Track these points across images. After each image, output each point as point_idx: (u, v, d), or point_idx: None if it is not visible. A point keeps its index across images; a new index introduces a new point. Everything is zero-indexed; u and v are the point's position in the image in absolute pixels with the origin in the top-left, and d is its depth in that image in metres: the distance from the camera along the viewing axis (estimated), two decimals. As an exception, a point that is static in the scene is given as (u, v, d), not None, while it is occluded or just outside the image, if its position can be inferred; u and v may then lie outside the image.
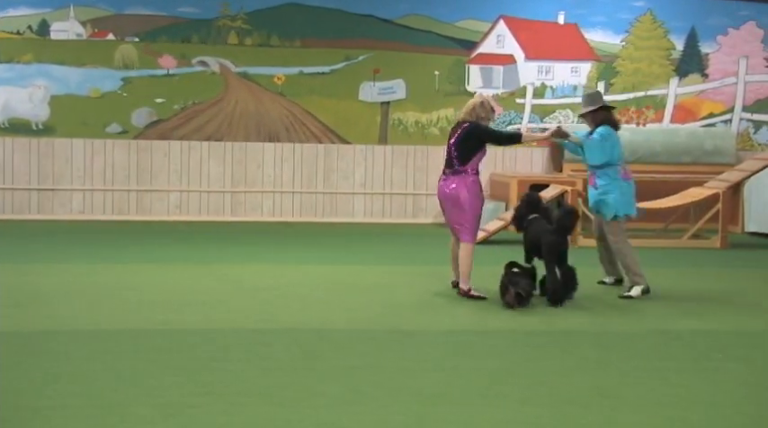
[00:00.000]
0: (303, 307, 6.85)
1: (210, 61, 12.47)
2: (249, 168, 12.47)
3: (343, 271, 8.60)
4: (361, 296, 7.38)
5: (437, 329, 6.22)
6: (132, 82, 12.27)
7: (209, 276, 8.15)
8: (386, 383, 4.87)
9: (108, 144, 12.17)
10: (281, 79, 12.58)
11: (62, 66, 12.10)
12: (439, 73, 12.91)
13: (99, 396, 4.52)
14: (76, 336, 5.76)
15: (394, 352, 5.58)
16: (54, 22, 12.08)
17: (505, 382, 4.94)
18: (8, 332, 5.84)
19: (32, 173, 12.04)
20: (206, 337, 5.79)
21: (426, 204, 12.83)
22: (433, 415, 4.36)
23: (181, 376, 4.89)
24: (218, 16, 12.44)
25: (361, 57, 12.74)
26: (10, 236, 10.44)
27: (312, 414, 4.34)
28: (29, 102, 12.06)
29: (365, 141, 12.75)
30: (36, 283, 7.55)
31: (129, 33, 12.28)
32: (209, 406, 4.41)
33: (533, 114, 13.14)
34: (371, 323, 6.36)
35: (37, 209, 12.03)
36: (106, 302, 6.83)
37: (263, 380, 4.87)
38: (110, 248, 9.61)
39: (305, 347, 5.62)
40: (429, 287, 7.84)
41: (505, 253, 9.96)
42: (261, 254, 9.46)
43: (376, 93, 12.86)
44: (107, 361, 5.15)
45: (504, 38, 13.03)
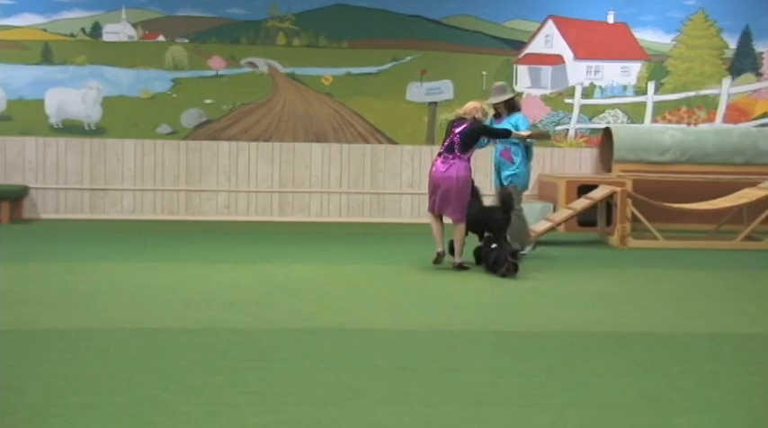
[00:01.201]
0: (348, 307, 6.85)
1: (259, 62, 12.56)
2: (297, 169, 12.53)
3: (389, 271, 8.59)
4: (406, 296, 7.37)
5: (482, 329, 6.18)
6: (182, 83, 12.41)
7: (256, 276, 8.19)
8: (431, 384, 4.84)
9: (158, 144, 12.31)
10: (328, 80, 12.62)
11: (114, 68, 12.28)
12: (486, 73, 12.85)
13: (145, 393, 4.56)
14: (122, 334, 5.82)
15: (439, 352, 5.55)
16: (106, 24, 12.26)
17: (551, 384, 4.88)
18: (56, 329, 5.92)
19: (85, 173, 12.23)
20: (251, 336, 5.82)
21: (473, 205, 12.77)
22: (478, 417, 4.32)
23: (225, 375, 4.92)
24: (266, 17, 12.52)
25: (408, 57, 12.73)
26: (63, 235, 10.61)
27: (357, 414, 4.33)
28: (82, 103, 12.26)
29: (412, 142, 12.74)
30: (85, 282, 7.66)
31: (179, 35, 12.41)
32: (254, 406, 4.42)
33: (582, 114, 13.01)
34: (416, 323, 6.34)
35: (89, 209, 12.21)
36: (152, 301, 6.90)
37: (308, 380, 4.87)
38: (158, 248, 9.71)
39: (350, 347, 5.62)
40: (475, 287, 7.80)
41: (554, 253, 9.90)
42: (307, 255, 9.49)
43: (423, 94, 12.84)
44: (152, 360, 5.20)
45: (552, 38, 12.93)
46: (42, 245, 9.76)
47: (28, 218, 11.95)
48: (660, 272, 8.86)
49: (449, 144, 8.60)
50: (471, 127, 8.59)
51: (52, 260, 8.72)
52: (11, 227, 11.17)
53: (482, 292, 7.59)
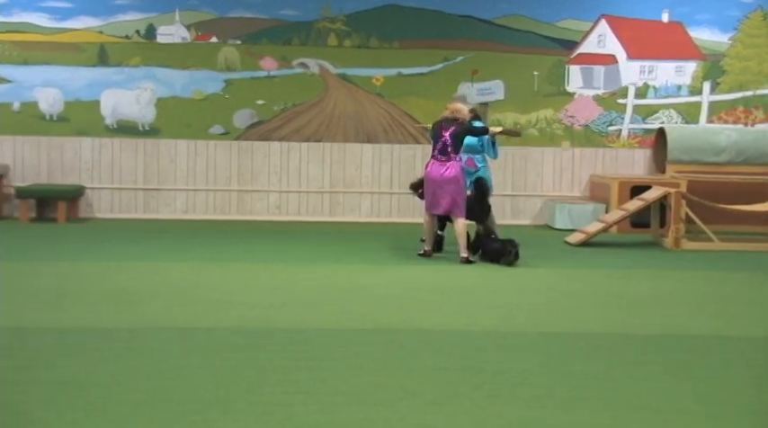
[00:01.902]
0: (400, 308, 6.85)
1: (310, 63, 12.62)
2: (347, 169, 12.57)
3: (440, 271, 8.57)
4: (456, 296, 7.35)
5: (535, 331, 6.14)
6: (234, 84, 12.52)
7: (306, 275, 8.23)
8: (484, 385, 4.82)
9: (210, 145, 12.44)
10: (379, 80, 12.64)
11: (167, 69, 12.42)
12: (538, 73, 12.76)
13: (198, 392, 4.61)
14: (176, 333, 5.89)
15: (491, 353, 5.53)
16: (160, 26, 12.42)
17: (604, 387, 4.83)
18: (112, 327, 6.01)
19: (138, 173, 12.40)
20: (302, 336, 5.84)
21: (525, 205, 12.71)
22: (531, 419, 4.29)
23: (277, 374, 4.95)
24: (318, 18, 12.58)
25: (459, 58, 12.70)
26: (117, 234, 10.76)
27: (409, 414, 4.33)
28: (136, 104, 12.42)
29: (463, 142, 12.68)
30: (139, 281, 7.76)
31: (231, 36, 12.53)
32: (305, 405, 4.44)
33: (635, 115, 12.86)
34: (469, 324, 6.32)
35: (142, 209, 12.38)
36: (205, 300, 6.97)
37: (360, 380, 4.88)
38: (210, 247, 9.80)
39: (402, 347, 5.62)
40: (528, 288, 7.76)
41: (606, 254, 9.80)
42: (357, 255, 9.51)
43: (474, 94, 12.77)
44: (205, 358, 5.25)
45: (605, 37, 12.80)
46: (97, 244, 9.91)
47: (83, 217, 12.15)
48: (715, 275, 8.73)
49: (442, 146, 8.98)
50: (461, 128, 9.06)
51: (107, 259, 8.85)
52: (67, 226, 11.37)
53: (531, 293, 7.55)
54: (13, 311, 6.42)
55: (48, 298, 6.85)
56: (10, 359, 5.15)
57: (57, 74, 12.27)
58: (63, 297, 6.94)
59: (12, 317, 6.23)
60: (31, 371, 4.89)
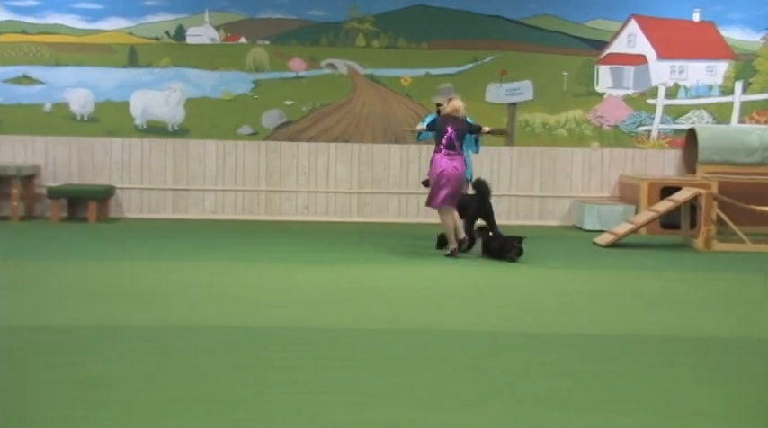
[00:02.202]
0: (428, 308, 6.84)
1: (339, 63, 12.63)
2: (375, 170, 12.57)
3: (468, 272, 8.56)
4: (485, 297, 7.33)
5: (564, 332, 6.11)
6: (263, 84, 12.56)
7: (335, 276, 8.24)
8: (512, 386, 4.80)
9: (239, 145, 12.49)
10: (407, 81, 12.63)
11: (197, 70, 12.49)
12: (567, 73, 12.70)
13: (225, 391, 4.63)
14: (204, 332, 5.92)
15: (521, 354, 5.50)
16: (190, 27, 12.49)
17: (633, 389, 4.79)
18: (141, 326, 6.05)
19: (168, 173, 12.48)
20: (330, 336, 5.85)
21: (554, 206, 12.65)
22: (558, 422, 4.27)
23: (304, 374, 4.95)
24: (346, 19, 12.59)
25: (488, 58, 12.66)
26: (146, 234, 10.84)
27: (436, 415, 4.32)
28: (165, 104, 12.51)
29: (491, 143, 12.65)
30: (168, 280, 7.81)
31: (260, 37, 12.57)
32: (332, 405, 4.45)
33: (665, 115, 12.76)
34: (498, 325, 6.30)
35: (171, 209, 12.45)
36: (234, 300, 7.00)
37: (385, 380, 4.88)
38: (239, 247, 9.85)
39: (428, 348, 5.61)
40: (555, 289, 7.72)
41: (635, 255, 9.73)
42: (385, 255, 9.50)
43: (503, 95, 12.75)
44: (232, 358, 5.27)
45: (635, 37, 12.71)
46: (127, 244, 9.99)
47: (114, 217, 12.25)
48: (747, 277, 8.63)
49: (448, 141, 9.36)
50: (465, 125, 9.52)
51: (137, 259, 8.91)
52: (98, 226, 11.46)
53: (559, 294, 7.50)
54: (43, 310, 6.48)
55: (78, 297, 6.91)
56: (40, 357, 5.20)
57: (88, 75, 12.37)
58: (93, 296, 6.99)
59: (42, 316, 6.29)
60: (61, 370, 4.94)
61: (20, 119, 12.26)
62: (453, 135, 9.34)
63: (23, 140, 12.25)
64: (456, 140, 9.37)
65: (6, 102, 12.26)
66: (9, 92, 12.27)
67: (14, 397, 4.45)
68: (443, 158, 9.37)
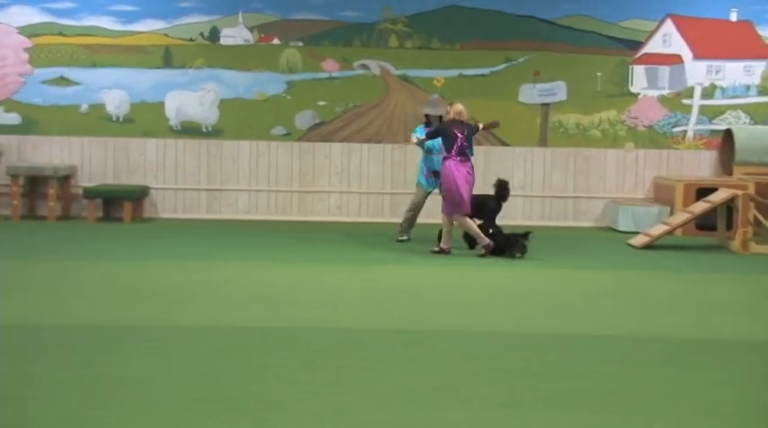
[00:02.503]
0: (459, 310, 6.82)
1: (371, 64, 12.64)
2: (408, 170, 12.55)
3: (501, 273, 8.52)
4: (519, 298, 7.29)
5: (597, 334, 6.06)
6: (296, 85, 12.60)
7: (367, 276, 8.25)
8: (543, 387, 4.77)
9: (272, 146, 12.54)
10: (440, 81, 12.61)
11: (230, 71, 12.56)
12: (601, 74, 12.61)
13: (255, 391, 4.64)
14: (235, 332, 5.94)
15: (551, 356, 5.47)
16: (224, 29, 12.56)
17: (668, 391, 4.74)
18: (173, 326, 6.09)
19: (201, 173, 12.55)
20: (359, 337, 5.85)
21: (587, 207, 12.56)
22: (593, 424, 4.23)
23: (333, 374, 4.96)
24: (379, 20, 12.60)
25: (521, 58, 12.61)
26: (180, 234, 10.91)
27: (466, 416, 4.31)
28: (199, 105, 12.59)
29: (525, 143, 12.61)
30: (200, 280, 7.86)
31: (293, 38, 12.62)
32: (361, 405, 4.45)
33: (701, 115, 12.62)
34: (529, 326, 6.27)
35: (205, 209, 12.53)
36: (264, 299, 7.03)
37: (414, 380, 4.87)
38: (271, 248, 9.88)
39: (460, 349, 5.60)
40: (589, 290, 7.66)
41: (670, 257, 9.64)
42: (416, 256, 9.49)
43: (536, 95, 12.69)
44: (261, 358, 5.29)
45: (670, 37, 12.59)
46: (161, 243, 10.07)
47: (148, 217, 12.35)
48: (784, 280, 8.52)
49: (460, 147, 9.32)
50: (471, 129, 9.53)
51: (170, 258, 8.98)
52: (132, 225, 11.56)
53: (593, 295, 7.45)
54: (78, 309, 6.55)
55: (112, 297, 6.97)
56: (74, 355, 5.25)
57: (123, 76, 12.49)
58: (127, 295, 7.06)
59: (77, 315, 6.36)
60: (95, 368, 4.98)
61: (57, 120, 12.40)
62: (464, 140, 9.33)
63: (60, 141, 12.40)
64: (466, 146, 9.38)
65: (44, 103, 12.41)
66: (46, 93, 12.42)
67: (40, 395, 4.50)
68: (457, 166, 9.33)
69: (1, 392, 4.52)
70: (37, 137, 12.37)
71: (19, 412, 4.25)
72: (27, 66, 12.37)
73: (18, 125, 12.37)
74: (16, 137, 12.34)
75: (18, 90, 12.38)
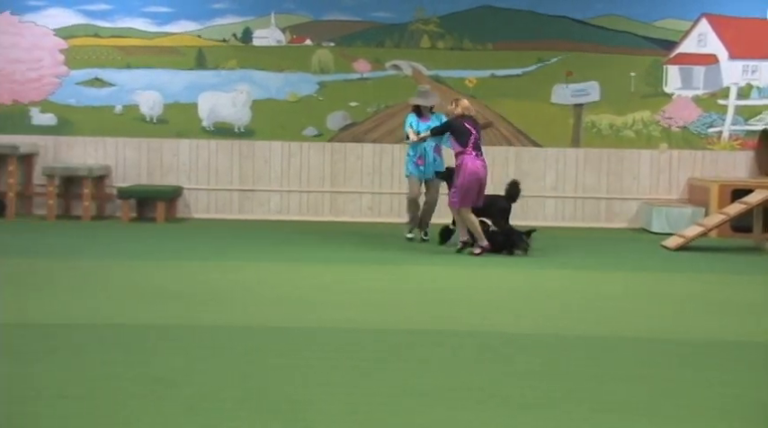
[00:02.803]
0: (489, 310, 6.80)
1: (403, 65, 12.64)
2: (440, 171, 12.52)
3: (532, 274, 8.48)
4: (550, 300, 7.25)
5: (626, 335, 6.01)
6: (328, 86, 12.63)
7: (395, 277, 8.24)
8: (574, 390, 4.74)
9: (304, 146, 12.57)
10: (472, 82, 12.58)
11: (263, 72, 12.61)
12: (635, 74, 12.51)
13: (287, 391, 4.66)
14: (268, 332, 5.97)
15: (582, 358, 5.43)
16: (256, 30, 12.62)
17: (706, 395, 4.69)
18: (206, 325, 6.13)
19: (234, 174, 12.62)
20: (387, 337, 5.85)
21: (621, 208, 12.47)
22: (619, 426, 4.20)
23: (366, 375, 4.96)
24: (411, 20, 12.59)
25: (553, 59, 12.54)
26: (213, 234, 10.97)
27: (494, 417, 4.29)
28: (232, 106, 12.65)
29: (557, 144, 12.54)
30: (233, 280, 7.90)
31: (325, 38, 12.64)
32: (394, 406, 4.44)
33: (737, 116, 12.48)
34: (560, 328, 6.23)
35: (237, 210, 12.59)
36: (297, 300, 7.05)
37: (444, 382, 4.86)
38: (303, 248, 9.90)
39: (491, 350, 5.58)
40: (621, 292, 7.61)
41: (705, 259, 9.54)
42: (447, 256, 9.47)
43: (569, 96, 12.62)
44: (297, 358, 5.30)
45: (706, 36, 12.46)
46: (194, 243, 10.13)
47: (181, 217, 12.43)
48: (821, 282, 8.40)
49: (475, 142, 9.45)
50: (480, 125, 9.78)
51: (203, 258, 9.03)
52: (166, 226, 11.65)
53: (624, 297, 7.40)
54: (111, 308, 6.61)
55: (145, 296, 7.02)
56: (107, 354, 5.30)
57: (157, 77, 12.59)
58: (159, 294, 7.11)
59: (109, 314, 6.41)
60: (127, 367, 5.02)
61: (91, 120, 12.53)
62: (477, 135, 9.46)
63: (95, 141, 12.52)
64: (480, 142, 9.53)
65: (79, 104, 12.53)
66: (81, 94, 12.55)
67: (76, 393, 4.54)
68: (474, 160, 9.42)
69: (40, 390, 4.57)
70: (72, 137, 12.51)
71: (58, 410, 4.29)
72: (63, 68, 12.51)
73: (54, 126, 12.51)
74: (52, 137, 12.48)
75: (54, 91, 12.52)
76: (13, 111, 12.48)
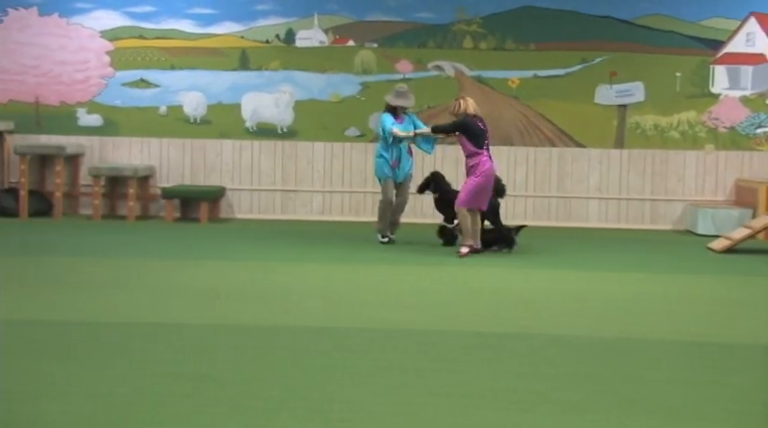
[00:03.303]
0: (536, 313, 6.75)
1: (446, 65, 12.61)
2: (482, 172, 12.47)
3: (576, 276, 8.41)
4: (595, 302, 7.19)
5: (673, 339, 5.94)
6: (370, 86, 12.64)
7: (442, 278, 8.22)
8: (622, 393, 4.69)
9: (346, 147, 12.59)
10: (515, 82, 12.52)
11: (305, 73, 12.66)
12: (681, 74, 12.36)
13: (335, 391, 4.66)
14: (313, 332, 5.98)
15: (630, 361, 5.38)
16: (299, 31, 12.67)
17: (751, 400, 4.61)
18: (251, 325, 6.16)
19: (276, 174, 12.68)
20: (437, 338, 5.83)
21: (665, 210, 12.32)
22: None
23: (413, 376, 4.95)
24: (453, 21, 12.56)
25: (597, 59, 12.43)
26: (256, 234, 11.03)
27: (544, 420, 4.26)
28: (275, 107, 12.71)
29: (601, 145, 12.43)
30: (277, 280, 7.95)
31: (368, 39, 12.66)
32: (438, 407, 4.43)
33: (785, 116, 12.28)
34: (606, 330, 6.17)
35: (280, 210, 12.65)
36: (341, 300, 7.06)
37: (495, 383, 4.83)
38: (345, 248, 9.91)
39: (539, 352, 5.54)
40: (667, 295, 7.51)
41: (752, 261, 9.39)
42: (490, 258, 9.43)
43: (613, 96, 12.51)
44: (342, 358, 5.31)
45: (754, 35, 12.27)
46: (237, 243, 10.19)
47: (224, 217, 12.52)
48: None
49: (487, 143, 9.45)
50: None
51: (246, 258, 9.08)
52: (209, 226, 11.73)
53: (671, 300, 7.31)
54: (154, 307, 6.67)
55: (188, 295, 7.08)
56: (150, 352, 5.35)
57: (200, 78, 12.69)
58: (202, 294, 7.16)
59: (152, 313, 6.47)
60: (170, 366, 5.06)
61: (136, 121, 12.66)
62: (488, 136, 9.48)
63: (139, 142, 12.65)
64: (489, 141, 9.56)
65: (124, 104, 12.68)
66: (126, 95, 12.69)
67: (127, 391, 4.59)
68: (489, 162, 9.40)
69: (84, 388, 4.63)
70: (117, 138, 12.65)
71: (103, 408, 4.34)
72: (108, 69, 12.66)
73: (99, 127, 12.67)
74: (98, 138, 12.64)
75: (100, 92, 12.68)
76: (60, 112, 12.66)
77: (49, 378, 4.80)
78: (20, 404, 4.35)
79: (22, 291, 7.07)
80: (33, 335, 5.69)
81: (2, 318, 6.10)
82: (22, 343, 5.49)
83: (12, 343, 5.49)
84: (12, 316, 6.19)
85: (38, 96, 12.63)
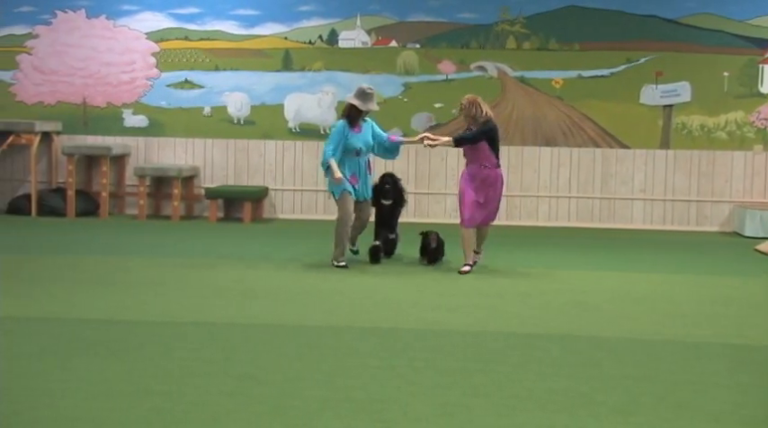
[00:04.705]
0: (578, 314, 6.70)
1: (488, 66, 12.56)
2: (525, 173, 12.42)
3: (620, 278, 8.33)
4: (639, 304, 7.11)
5: (719, 342, 5.86)
6: (413, 87, 12.63)
7: (483, 280, 8.18)
8: (666, 396, 4.64)
9: (389, 148, 12.56)
10: (558, 83, 12.43)
11: (348, 73, 12.68)
12: (728, 74, 12.18)
13: (378, 391, 4.66)
14: (356, 332, 5.99)
15: (674, 363, 5.31)
16: (342, 31, 12.70)
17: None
18: (293, 324, 6.19)
19: (319, 175, 12.66)
20: (479, 339, 5.81)
21: (711, 212, 12.15)
22: (719, 435, 4.09)
23: (455, 376, 4.94)
24: (496, 21, 12.51)
25: (642, 59, 12.30)
26: (298, 234, 11.07)
27: (589, 422, 4.22)
28: (317, 107, 12.76)
29: (646, 146, 12.29)
30: (320, 281, 7.96)
31: (410, 40, 12.65)
32: (483, 408, 4.41)
33: (836, 117, 12.04)
34: (650, 332, 6.10)
35: (323, 210, 12.68)
36: (383, 301, 7.06)
37: (538, 385, 4.80)
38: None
39: (581, 354, 5.49)
40: (714, 298, 7.41)
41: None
42: (534, 260, 9.37)
43: (658, 96, 12.36)
44: (385, 359, 5.31)
45: (805, 34, 12.06)
46: (280, 243, 10.24)
47: (267, 217, 12.58)
48: None
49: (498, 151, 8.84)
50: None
51: (289, 258, 9.12)
52: (252, 226, 11.80)
53: (718, 302, 7.20)
54: (196, 306, 6.72)
55: (230, 294, 7.13)
56: (192, 351, 5.39)
57: (244, 79, 12.77)
58: (245, 293, 7.20)
59: (195, 311, 6.52)
60: (216, 365, 5.10)
61: (181, 122, 12.78)
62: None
63: (184, 142, 12.77)
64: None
65: (169, 105, 12.80)
66: (171, 96, 12.82)
67: (168, 389, 4.63)
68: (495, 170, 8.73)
69: (127, 386, 4.68)
70: (162, 138, 12.78)
71: (146, 406, 4.38)
72: (154, 70, 12.80)
73: (145, 127, 12.81)
74: (143, 138, 12.78)
75: (145, 93, 12.82)
76: (106, 113, 12.82)
77: (95, 375, 4.86)
78: (66, 400, 4.41)
79: (71, 290, 7.17)
80: (80, 333, 5.77)
81: (53, 317, 6.20)
82: (69, 342, 5.57)
83: (59, 340, 5.58)
84: (61, 315, 6.29)
85: (85, 97, 12.81)
